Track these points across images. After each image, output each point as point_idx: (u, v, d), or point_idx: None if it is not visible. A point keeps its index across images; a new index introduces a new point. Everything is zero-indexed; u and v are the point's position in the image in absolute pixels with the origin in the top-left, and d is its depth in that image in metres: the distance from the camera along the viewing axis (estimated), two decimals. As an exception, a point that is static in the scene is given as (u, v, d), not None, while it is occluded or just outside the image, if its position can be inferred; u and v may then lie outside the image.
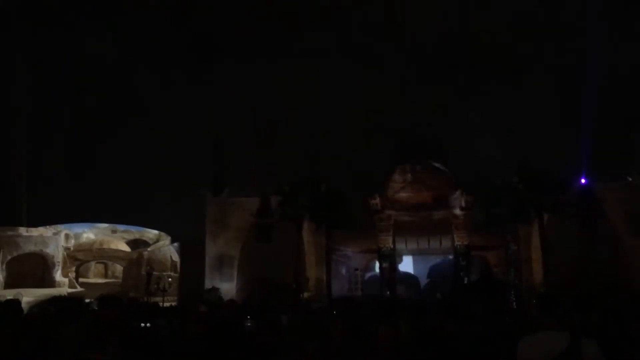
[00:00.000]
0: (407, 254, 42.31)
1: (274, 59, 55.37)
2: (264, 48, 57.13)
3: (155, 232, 54.13)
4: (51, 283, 44.02)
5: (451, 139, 41.84)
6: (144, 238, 55.59)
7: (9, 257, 43.59)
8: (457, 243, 37.86)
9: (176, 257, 46.93)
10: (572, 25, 48.45)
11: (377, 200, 38.46)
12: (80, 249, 51.00)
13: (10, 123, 53.73)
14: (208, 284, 38.63)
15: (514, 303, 29.72)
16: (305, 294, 35.56)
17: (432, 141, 40.74)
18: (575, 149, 38.35)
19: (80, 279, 49.47)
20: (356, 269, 41.31)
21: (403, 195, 39.68)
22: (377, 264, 39.12)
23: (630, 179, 36.22)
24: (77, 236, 51.95)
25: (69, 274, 47.17)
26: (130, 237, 55.56)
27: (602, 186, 36.05)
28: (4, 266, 43.14)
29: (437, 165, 39.96)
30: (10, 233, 44.30)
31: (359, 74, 54.83)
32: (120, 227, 55.42)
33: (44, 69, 54.68)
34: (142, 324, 9.63)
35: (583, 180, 35.43)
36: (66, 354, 3.89)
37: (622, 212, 35.49)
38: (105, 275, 53.80)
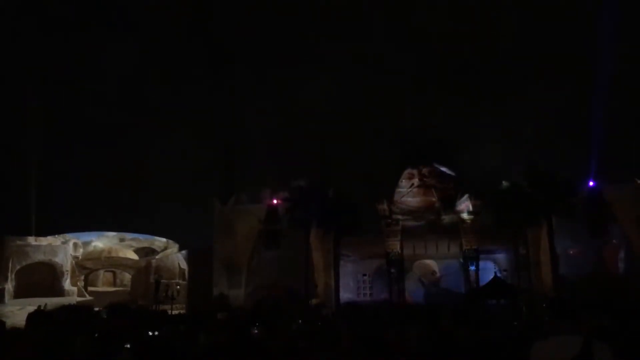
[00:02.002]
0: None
1: (282, 66, 55.54)
2: (272, 56, 57.33)
3: (163, 240, 54.17)
4: (60, 292, 44.09)
5: (459, 143, 41.76)
6: (152, 246, 55.63)
7: (18, 267, 43.71)
8: (465, 247, 37.68)
9: (184, 265, 46.93)
10: (580, 29, 48.38)
11: (384, 206, 38.39)
12: (88, 257, 51.06)
13: (19, 133, 54.08)
14: (216, 291, 38.66)
15: (524, 307, 29.51)
16: (314, 300, 35.49)
17: (439, 146, 40.67)
18: (584, 152, 38.19)
19: (89, 288, 49.53)
20: (364, 275, 41.18)
21: (410, 200, 39.60)
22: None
23: (639, 182, 35.95)
24: (85, 245, 52.02)
25: (78, 283, 47.24)
26: (139, 245, 55.58)
27: (611, 189, 35.81)
28: (13, 276, 43.26)
29: (444, 169, 39.88)
30: (19, 242, 44.45)
31: (365, 80, 54.89)
32: (129, 236, 55.47)
33: (54, 78, 55.07)
34: (151, 332, 9.63)
35: (591, 183, 35.16)
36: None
37: (632, 215, 35.24)
38: (114, 284, 53.81)
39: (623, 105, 45.43)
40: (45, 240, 46.09)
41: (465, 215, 37.82)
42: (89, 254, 51.66)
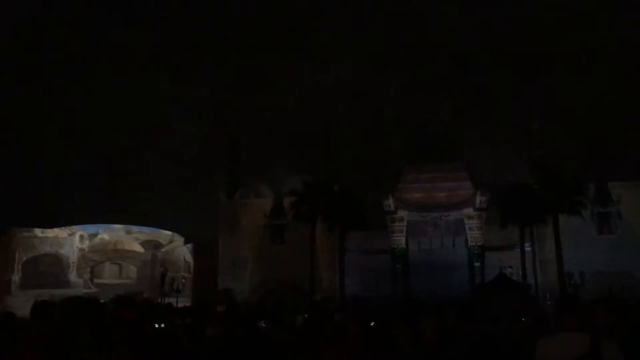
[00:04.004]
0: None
1: (288, 60, 55.46)
2: (279, 50, 57.24)
3: (169, 233, 54.34)
4: (66, 284, 44.30)
5: (466, 139, 41.58)
6: (158, 239, 55.78)
7: (24, 258, 43.97)
8: (471, 243, 37.58)
9: (190, 258, 47.08)
10: (590, 25, 48.10)
11: (390, 201, 38.28)
12: (94, 249, 51.26)
13: (26, 126, 54.27)
14: (221, 285, 38.77)
15: (531, 303, 29.47)
16: (319, 295, 35.53)
17: (446, 141, 40.53)
18: (592, 149, 38.02)
19: (95, 280, 49.73)
20: (369, 270, 41.11)
21: (416, 195, 39.48)
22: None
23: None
24: (91, 237, 52.25)
25: (84, 275, 47.45)
26: (145, 238, 55.73)
27: (618, 186, 35.73)
28: (19, 267, 43.52)
29: (451, 165, 39.77)
30: (25, 234, 44.69)
31: (373, 74, 54.76)
32: (135, 228, 55.67)
33: (60, 73, 55.21)
34: (157, 325, 9.65)
35: None
36: (83, 355, 3.89)
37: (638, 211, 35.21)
38: (120, 276, 54.02)
39: (632, 102, 45.17)
40: (51, 232, 46.32)
41: (471, 212, 37.70)
42: (95, 246, 51.89)
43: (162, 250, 51.19)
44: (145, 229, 55.49)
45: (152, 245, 54.30)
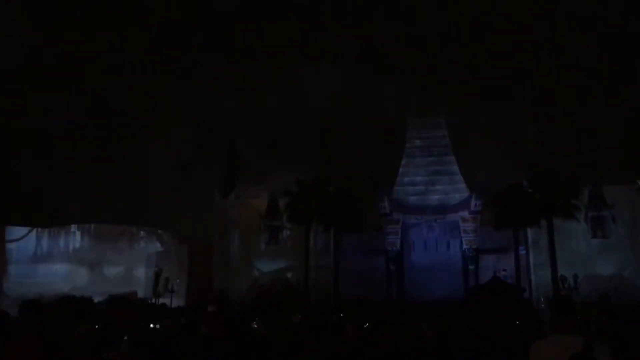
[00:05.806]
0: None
1: (285, 60, 55.53)
2: (276, 50, 57.29)
3: (164, 233, 54.17)
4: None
5: (462, 142, 41.68)
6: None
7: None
8: (465, 246, 37.62)
9: (184, 258, 46.94)
10: (585, 29, 48.30)
11: (385, 203, 38.28)
12: (90, 249, 51.00)
13: (26, 125, 54.12)
14: (216, 285, 38.68)
15: (524, 306, 29.51)
16: (314, 296, 35.50)
17: (442, 144, 40.61)
18: (586, 152, 38.18)
19: (90, 279, 49.48)
20: (364, 271, 41.09)
21: (412, 197, 39.54)
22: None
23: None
24: (87, 236, 51.98)
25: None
26: (140, 237, 55.48)
27: (612, 189, 35.89)
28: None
29: (446, 167, 39.84)
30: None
31: (370, 75, 54.86)
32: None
33: (62, 75, 55.14)
34: (151, 325, 9.66)
35: None
36: (82, 354, 3.90)
37: (632, 215, 35.38)
38: (114, 276, 53.74)
39: (627, 105, 45.38)
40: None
41: (466, 214, 37.74)
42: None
43: (157, 250, 51.02)
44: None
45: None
